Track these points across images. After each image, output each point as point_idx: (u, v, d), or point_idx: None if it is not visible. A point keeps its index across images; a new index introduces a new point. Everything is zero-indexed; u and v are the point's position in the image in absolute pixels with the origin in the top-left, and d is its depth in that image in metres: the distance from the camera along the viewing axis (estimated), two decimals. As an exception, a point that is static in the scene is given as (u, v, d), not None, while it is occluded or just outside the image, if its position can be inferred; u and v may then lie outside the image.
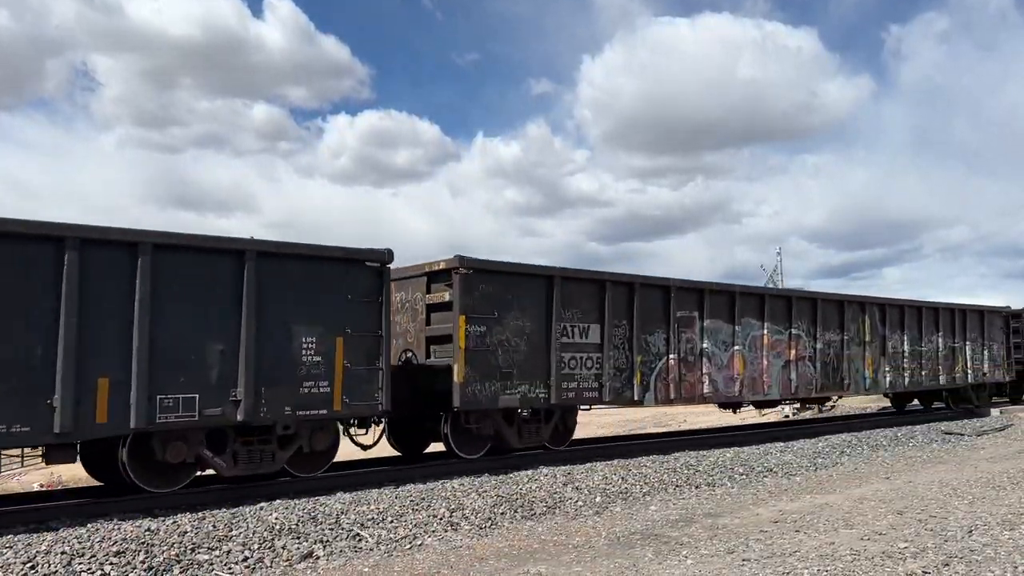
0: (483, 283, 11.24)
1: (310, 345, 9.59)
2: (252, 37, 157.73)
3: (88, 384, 8.16)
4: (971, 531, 7.52)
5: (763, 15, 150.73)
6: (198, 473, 9.37)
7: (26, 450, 9.49)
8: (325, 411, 9.70)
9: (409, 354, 11.95)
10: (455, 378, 10.84)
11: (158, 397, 8.55)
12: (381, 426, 11.03)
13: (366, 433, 10.85)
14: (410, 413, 11.48)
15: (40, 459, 9.02)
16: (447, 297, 11.34)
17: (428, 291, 11.81)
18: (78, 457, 8.72)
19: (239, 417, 9.01)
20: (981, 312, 21.80)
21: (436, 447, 12.11)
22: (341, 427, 10.40)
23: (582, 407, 12.88)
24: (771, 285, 38.24)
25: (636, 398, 13.24)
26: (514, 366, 11.51)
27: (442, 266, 11.37)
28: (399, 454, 12.53)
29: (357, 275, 10.00)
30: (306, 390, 9.53)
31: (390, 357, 10.39)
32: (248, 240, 9.32)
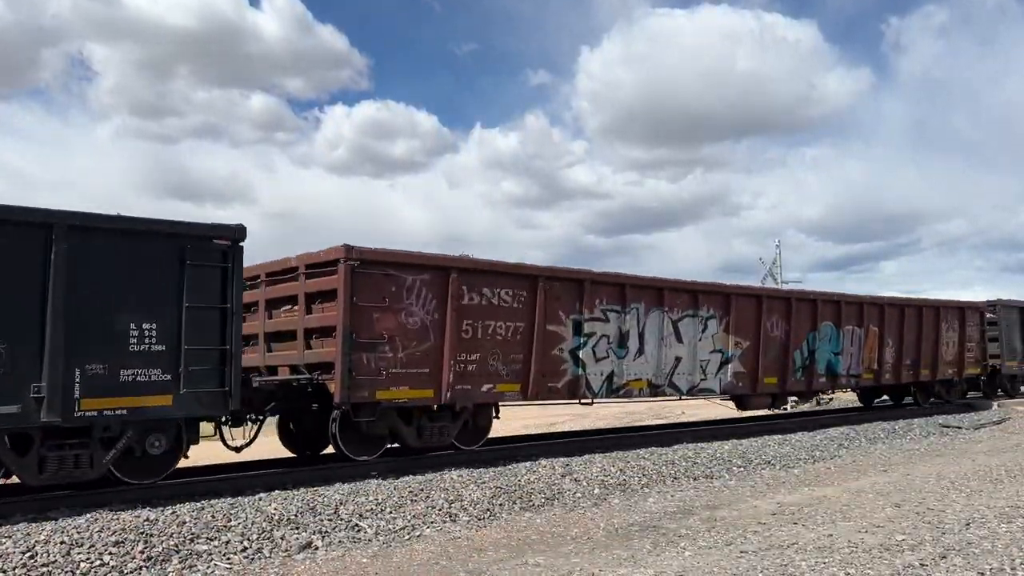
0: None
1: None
2: (249, 27, 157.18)
3: None
4: (968, 524, 7.53)
5: (762, 7, 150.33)
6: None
7: None
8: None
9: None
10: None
11: None
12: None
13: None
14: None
15: None
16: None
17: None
18: None
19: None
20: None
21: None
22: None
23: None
24: (769, 278, 38.26)
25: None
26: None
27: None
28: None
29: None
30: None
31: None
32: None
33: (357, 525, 7.82)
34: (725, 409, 20.93)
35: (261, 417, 10.24)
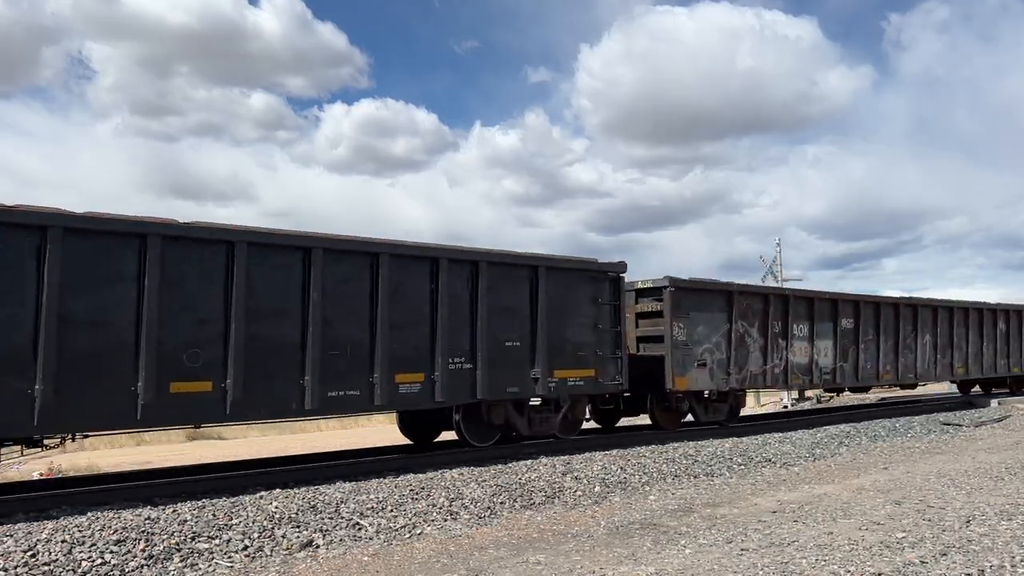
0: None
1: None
2: (249, 25, 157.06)
3: None
4: (969, 521, 7.54)
5: (762, 4, 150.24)
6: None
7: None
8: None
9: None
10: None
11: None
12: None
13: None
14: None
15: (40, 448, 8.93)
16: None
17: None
18: None
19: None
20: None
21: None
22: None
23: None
24: (770, 277, 38.25)
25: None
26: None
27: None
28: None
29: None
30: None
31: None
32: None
33: (358, 523, 7.83)
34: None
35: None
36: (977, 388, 24.89)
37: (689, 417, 15.14)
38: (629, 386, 13.18)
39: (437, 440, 12.91)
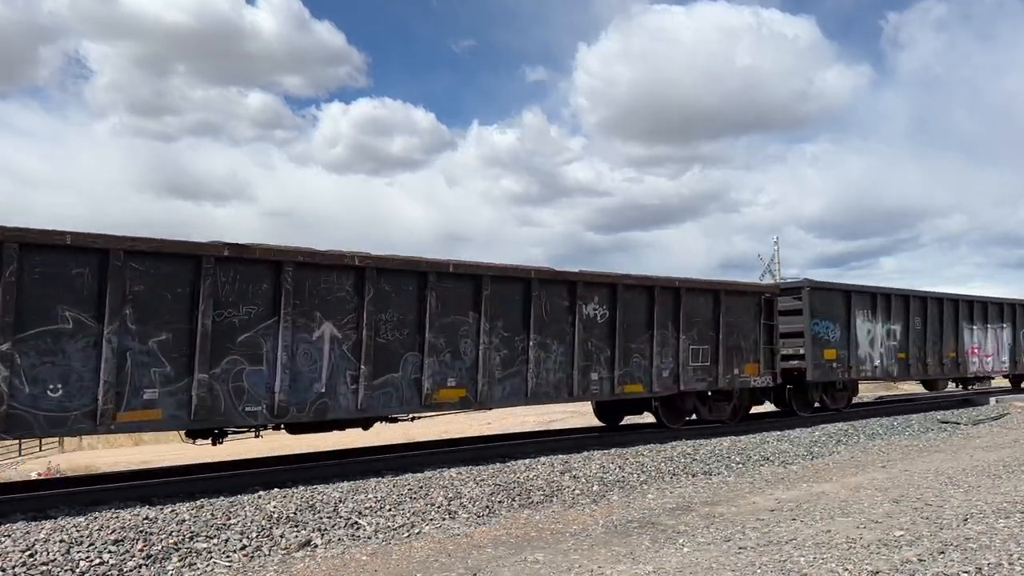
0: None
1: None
2: (247, 24, 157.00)
3: None
4: (967, 519, 7.56)
5: (760, 3, 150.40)
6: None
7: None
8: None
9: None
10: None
11: None
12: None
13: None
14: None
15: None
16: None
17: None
18: None
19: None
20: None
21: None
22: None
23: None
24: (768, 275, 38.29)
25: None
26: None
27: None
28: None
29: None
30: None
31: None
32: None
33: (356, 523, 7.83)
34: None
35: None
36: None
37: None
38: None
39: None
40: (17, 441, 9.15)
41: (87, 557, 6.50)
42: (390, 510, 8.25)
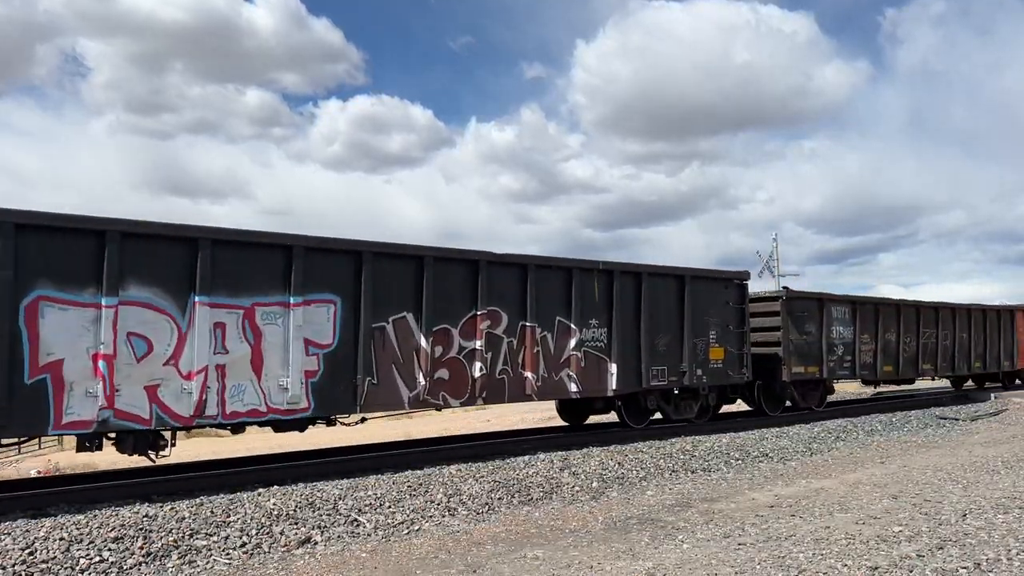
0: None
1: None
2: (244, 21, 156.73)
3: None
4: (965, 515, 7.57)
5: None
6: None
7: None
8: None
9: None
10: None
11: None
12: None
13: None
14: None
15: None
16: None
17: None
18: None
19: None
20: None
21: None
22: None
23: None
24: (767, 272, 38.32)
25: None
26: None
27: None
28: None
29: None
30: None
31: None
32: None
33: (356, 520, 7.84)
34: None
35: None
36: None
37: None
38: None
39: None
40: (16, 439, 9.14)
41: (87, 555, 6.51)
42: (390, 507, 8.26)
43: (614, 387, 12.92)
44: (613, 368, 12.88)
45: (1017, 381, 25.81)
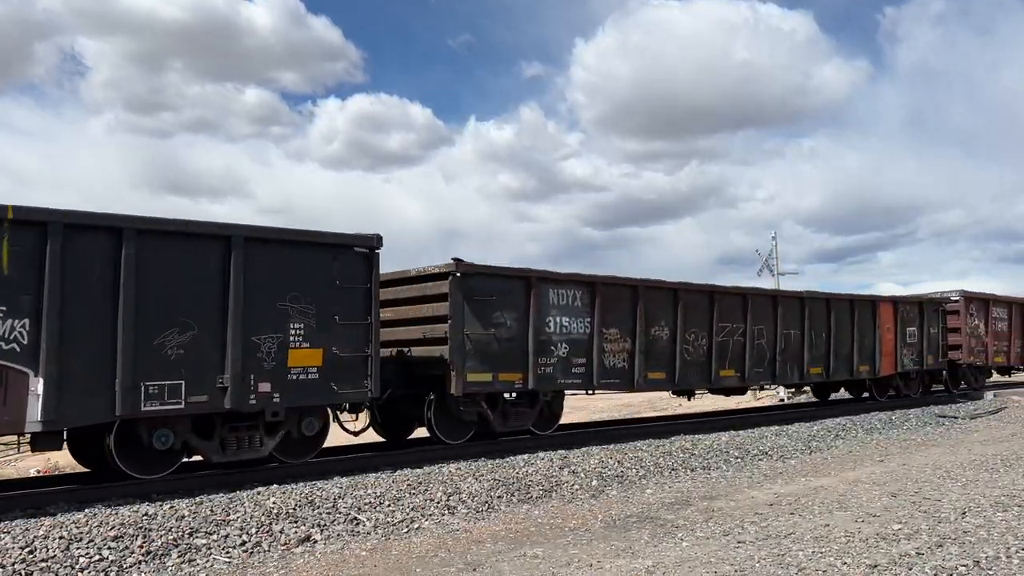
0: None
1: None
2: (242, 20, 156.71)
3: None
4: (965, 513, 7.57)
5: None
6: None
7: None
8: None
9: None
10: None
11: None
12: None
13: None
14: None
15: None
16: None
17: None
18: None
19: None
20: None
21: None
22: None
23: None
24: (766, 271, 38.35)
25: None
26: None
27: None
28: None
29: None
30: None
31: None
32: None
33: (355, 518, 7.83)
34: (719, 400, 21.01)
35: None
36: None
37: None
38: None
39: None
40: (16, 438, 8.95)
41: (87, 554, 6.51)
42: (389, 506, 8.25)
43: (40, 416, 7.80)
44: (38, 385, 7.80)
45: (890, 392, 20.03)
